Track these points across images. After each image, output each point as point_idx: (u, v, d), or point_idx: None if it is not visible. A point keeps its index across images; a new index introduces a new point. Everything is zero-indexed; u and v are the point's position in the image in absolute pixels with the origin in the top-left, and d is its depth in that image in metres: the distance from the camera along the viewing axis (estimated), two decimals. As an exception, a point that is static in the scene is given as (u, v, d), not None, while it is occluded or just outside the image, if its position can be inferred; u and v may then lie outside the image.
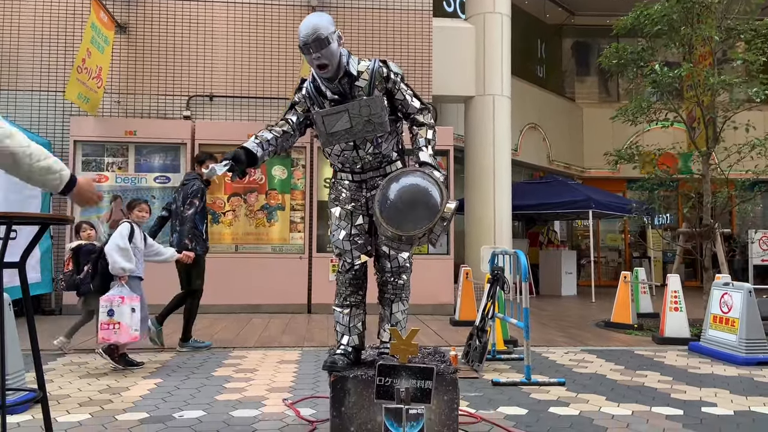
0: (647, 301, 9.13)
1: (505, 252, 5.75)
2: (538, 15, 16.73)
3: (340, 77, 3.01)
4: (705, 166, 7.76)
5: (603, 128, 15.36)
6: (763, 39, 7.37)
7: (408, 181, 2.80)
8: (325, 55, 2.90)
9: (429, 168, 2.92)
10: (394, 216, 2.72)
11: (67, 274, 5.61)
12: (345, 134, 3.04)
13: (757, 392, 4.46)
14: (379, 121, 3.00)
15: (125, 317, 4.90)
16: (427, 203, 2.70)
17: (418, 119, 3.10)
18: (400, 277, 3.21)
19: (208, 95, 9.35)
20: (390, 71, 3.07)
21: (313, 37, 2.86)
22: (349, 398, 2.96)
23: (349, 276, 3.20)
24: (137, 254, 5.30)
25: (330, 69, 2.95)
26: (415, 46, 9.77)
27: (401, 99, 3.10)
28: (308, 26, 2.88)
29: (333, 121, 3.02)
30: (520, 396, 4.26)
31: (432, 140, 3.06)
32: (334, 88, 3.04)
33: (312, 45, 2.87)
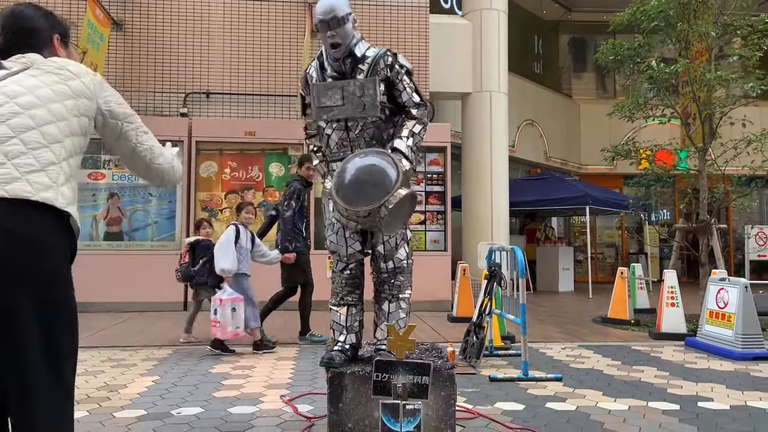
0: (644, 296, 9.16)
1: (502, 248, 5.76)
2: (534, 11, 16.72)
3: (346, 56, 3.07)
4: (701, 161, 7.77)
5: (600, 124, 15.39)
6: (760, 35, 7.38)
7: (368, 161, 2.80)
8: (340, 34, 2.99)
9: (398, 154, 2.92)
10: (346, 192, 2.73)
11: (183, 265, 6.22)
12: (335, 110, 3.06)
13: (753, 387, 4.48)
14: (370, 103, 3.01)
15: (226, 317, 5.45)
16: (381, 184, 2.69)
17: (411, 112, 3.11)
18: (396, 277, 3.17)
19: (205, 92, 9.33)
20: (396, 62, 3.10)
21: (330, 15, 2.96)
22: (347, 394, 2.97)
23: (345, 275, 3.19)
24: (243, 254, 5.75)
25: (342, 48, 3.03)
26: (412, 43, 9.76)
27: (401, 90, 3.10)
28: (326, 4, 2.99)
29: (326, 95, 3.07)
30: (518, 391, 4.27)
31: (416, 134, 3.05)
32: (337, 66, 3.10)
33: (330, 22, 2.97)
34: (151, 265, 8.57)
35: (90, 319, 7.63)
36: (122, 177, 8.76)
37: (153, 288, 8.50)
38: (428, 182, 9.34)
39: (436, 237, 9.25)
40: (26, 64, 1.82)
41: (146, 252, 8.67)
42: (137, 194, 8.78)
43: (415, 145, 3.03)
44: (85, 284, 8.31)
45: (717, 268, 7.02)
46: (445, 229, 9.24)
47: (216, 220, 8.87)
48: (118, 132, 1.94)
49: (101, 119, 1.90)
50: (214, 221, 8.85)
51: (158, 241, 8.76)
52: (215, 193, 8.93)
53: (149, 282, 8.49)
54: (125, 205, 8.73)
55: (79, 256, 7.15)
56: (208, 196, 8.90)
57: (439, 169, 9.36)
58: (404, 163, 2.88)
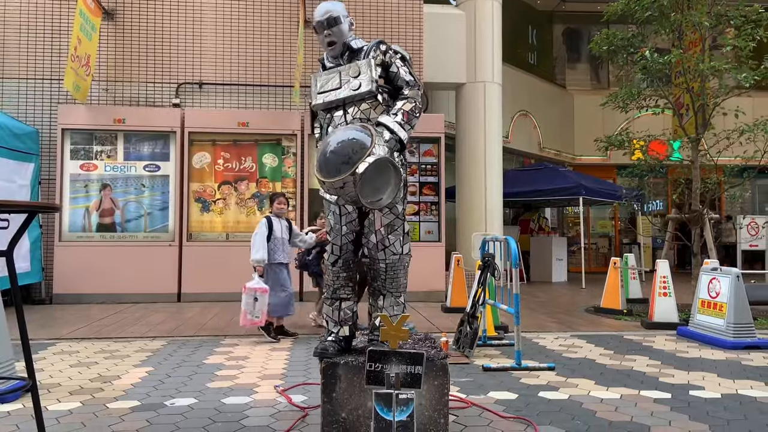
0: (636, 286, 9.20)
1: (495, 239, 5.77)
2: (528, 1, 16.67)
3: (343, 51, 3.23)
4: (694, 152, 7.79)
5: (593, 115, 15.39)
6: (753, 25, 7.38)
7: (347, 135, 2.79)
8: (335, 33, 3.18)
9: (381, 127, 2.93)
10: (323, 165, 2.73)
11: (300, 254, 6.53)
12: (333, 93, 3.13)
13: (744, 375, 4.51)
14: (366, 80, 3.06)
15: (248, 305, 5.62)
16: (356, 155, 2.66)
17: (404, 92, 3.14)
18: (390, 269, 3.14)
19: (198, 83, 9.28)
20: (390, 48, 3.21)
21: (326, 15, 3.18)
22: (340, 384, 2.97)
23: (338, 268, 3.17)
24: (277, 244, 5.96)
25: (337, 46, 3.20)
26: (406, 33, 9.72)
27: (395, 71, 3.16)
28: (323, 7, 3.22)
29: (324, 80, 3.19)
30: (511, 381, 4.29)
31: (406, 111, 3.04)
32: (335, 62, 3.25)
33: (326, 21, 3.17)
34: (145, 257, 8.56)
35: (83, 311, 7.62)
36: (114, 168, 8.71)
37: (146, 279, 8.49)
38: (422, 173, 9.34)
39: (430, 228, 9.25)
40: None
41: (139, 243, 8.64)
42: (130, 185, 8.74)
43: (406, 122, 3.01)
44: (78, 276, 8.36)
45: (709, 257, 7.06)
46: (439, 220, 9.24)
47: (210, 211, 8.85)
48: None
49: None
50: (208, 213, 8.83)
51: (151, 232, 8.73)
52: (208, 184, 8.89)
53: (142, 273, 8.48)
54: (118, 196, 8.69)
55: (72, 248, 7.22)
56: (201, 187, 8.87)
57: (432, 159, 9.35)
58: (385, 135, 2.89)
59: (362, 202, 2.70)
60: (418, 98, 3.13)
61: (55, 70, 8.95)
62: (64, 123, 8.59)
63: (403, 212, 3.17)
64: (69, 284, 8.35)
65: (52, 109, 8.88)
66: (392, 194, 2.78)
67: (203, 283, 8.59)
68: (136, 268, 8.48)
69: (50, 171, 8.68)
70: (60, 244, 8.43)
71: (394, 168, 2.74)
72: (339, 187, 2.67)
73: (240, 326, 5.75)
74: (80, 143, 8.70)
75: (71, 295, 8.32)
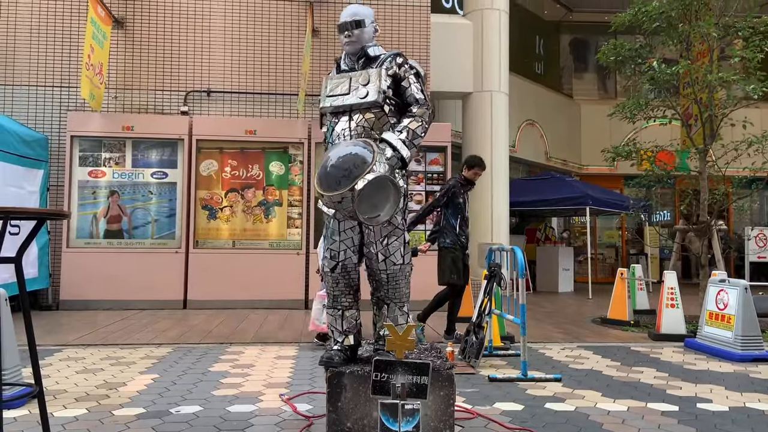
0: (644, 297, 9.15)
1: (502, 248, 5.76)
2: (536, 11, 16.71)
3: (360, 56, 3.26)
4: (702, 163, 7.77)
5: (600, 125, 15.39)
6: (761, 36, 7.37)
7: (349, 150, 2.84)
8: (356, 36, 3.23)
9: (384, 144, 2.94)
10: (323, 178, 2.78)
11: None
12: (340, 98, 3.16)
13: (753, 388, 4.48)
14: (373, 89, 3.08)
15: (316, 311, 5.72)
16: (357, 170, 2.70)
17: (412, 110, 3.13)
18: (396, 282, 3.13)
19: (206, 90, 9.33)
20: (406, 62, 3.24)
21: (352, 18, 3.24)
22: (346, 394, 2.97)
23: (339, 278, 3.15)
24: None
25: (356, 45, 3.25)
26: (413, 42, 9.75)
27: (406, 86, 3.17)
28: (350, 9, 3.30)
29: (336, 84, 3.22)
30: (517, 392, 4.27)
31: (412, 130, 3.03)
32: (351, 64, 3.28)
33: (349, 23, 3.23)
34: (152, 263, 8.58)
35: (90, 317, 7.64)
36: (123, 175, 8.76)
37: (153, 286, 8.51)
38: (428, 182, 9.34)
39: (436, 237, 9.23)
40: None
41: (146, 250, 8.67)
42: (138, 192, 8.78)
43: (410, 141, 3.02)
44: (85, 282, 8.39)
45: (717, 269, 7.02)
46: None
47: (216, 218, 8.88)
48: None
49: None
50: (214, 220, 8.86)
51: (158, 239, 8.76)
52: (215, 191, 8.92)
53: (149, 280, 8.50)
54: (126, 203, 8.73)
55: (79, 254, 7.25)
56: (208, 195, 8.90)
57: (439, 168, 9.36)
58: (387, 152, 2.90)
59: (360, 217, 2.72)
60: (425, 117, 3.11)
61: (65, 77, 9.03)
62: (73, 130, 8.65)
63: (403, 223, 3.15)
64: (76, 290, 8.38)
65: (61, 116, 8.94)
66: (390, 211, 2.79)
67: (209, 290, 8.60)
68: (143, 275, 8.50)
69: (59, 177, 8.73)
70: (68, 251, 8.46)
71: (394, 186, 2.75)
72: (337, 201, 2.69)
73: (309, 330, 5.98)
74: (89, 150, 8.76)
75: (78, 302, 8.35)
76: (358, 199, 2.61)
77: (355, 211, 2.66)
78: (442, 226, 6.28)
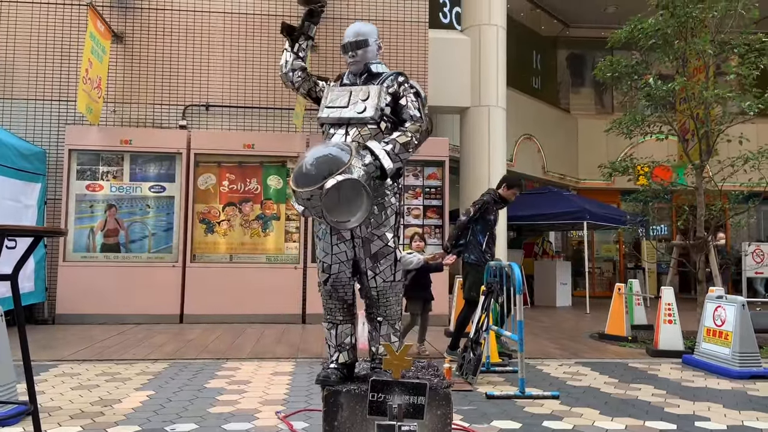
0: (641, 312, 9.14)
1: (499, 265, 5.75)
2: (533, 27, 16.83)
3: (363, 72, 3.28)
4: (698, 178, 7.79)
5: (598, 139, 15.40)
6: (757, 53, 7.42)
7: (326, 151, 2.83)
8: (360, 55, 3.25)
9: (365, 151, 2.92)
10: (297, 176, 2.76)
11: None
12: (338, 111, 3.15)
13: (750, 406, 4.47)
14: (371, 105, 3.08)
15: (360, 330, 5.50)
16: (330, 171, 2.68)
17: (405, 125, 3.11)
18: (382, 296, 3.11)
19: (204, 105, 9.35)
20: (407, 81, 3.25)
21: (356, 38, 3.25)
22: (342, 413, 2.95)
23: (335, 294, 3.14)
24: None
25: (358, 67, 3.28)
26: (411, 58, 9.81)
27: (404, 104, 3.16)
28: (354, 27, 3.31)
29: (336, 96, 3.22)
30: (514, 409, 4.25)
31: (399, 143, 2.99)
32: (353, 79, 3.30)
33: (352, 44, 3.25)
34: (148, 277, 8.56)
35: (85, 331, 7.61)
36: (120, 189, 8.75)
37: (150, 300, 8.48)
38: (426, 196, 9.36)
39: (433, 251, 9.22)
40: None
41: (143, 264, 8.65)
42: (135, 206, 8.77)
43: (395, 153, 2.96)
44: (81, 296, 8.36)
45: (714, 285, 7.02)
46: (443, 243, 9.22)
47: (214, 232, 8.87)
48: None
49: None
50: (212, 234, 8.85)
51: (155, 252, 8.74)
52: (213, 205, 8.92)
53: (146, 294, 8.47)
54: (123, 216, 8.72)
55: (76, 268, 7.24)
56: (205, 208, 8.89)
57: (437, 182, 9.38)
58: (366, 159, 2.87)
59: (327, 219, 2.71)
60: (417, 134, 3.06)
61: (64, 91, 9.05)
62: (71, 144, 8.66)
63: (393, 240, 3.12)
64: (72, 304, 8.35)
65: (59, 129, 8.95)
66: (360, 219, 2.74)
67: (206, 304, 8.58)
68: (140, 289, 8.48)
69: (56, 191, 8.72)
70: (64, 264, 8.44)
71: (366, 192, 2.71)
72: (306, 199, 2.67)
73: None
74: (87, 164, 8.76)
75: (74, 315, 8.31)
76: (325, 199, 2.59)
77: (323, 211, 2.65)
78: (468, 240, 6.23)
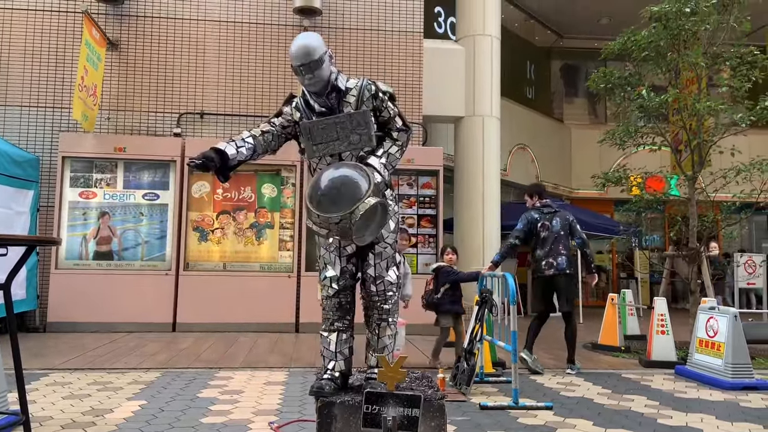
0: (634, 322, 9.15)
1: (493, 274, 5.76)
2: (527, 37, 16.93)
3: (328, 92, 3.09)
4: (691, 189, 7.84)
5: (591, 149, 15.48)
6: (749, 66, 7.49)
7: (341, 172, 2.86)
8: (318, 76, 3.00)
9: (370, 168, 2.96)
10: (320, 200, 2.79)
11: (428, 292, 6.31)
12: (331, 146, 3.07)
13: (743, 418, 4.48)
14: (366, 134, 3.04)
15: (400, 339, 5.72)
16: (353, 192, 2.75)
17: (392, 134, 3.17)
18: (386, 301, 3.19)
19: (199, 113, 9.35)
20: (378, 90, 3.16)
21: (306, 60, 2.96)
22: (336, 424, 2.94)
23: (336, 300, 3.19)
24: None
25: (319, 85, 3.04)
26: (406, 68, 9.84)
27: (386, 117, 3.17)
28: (300, 48, 2.97)
29: (320, 132, 3.05)
30: (508, 420, 4.25)
31: (391, 154, 3.11)
32: (323, 102, 3.11)
33: (305, 68, 2.98)
34: (141, 285, 8.52)
35: (77, 339, 7.55)
36: (114, 196, 8.72)
37: (142, 308, 8.43)
38: (420, 205, 9.37)
39: (427, 260, 9.24)
40: None
41: (136, 272, 8.61)
42: (128, 213, 8.74)
43: (389, 164, 3.09)
44: (73, 304, 8.32)
45: (707, 296, 7.05)
46: (437, 252, 9.23)
47: (207, 240, 8.85)
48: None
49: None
50: (205, 242, 8.82)
51: (148, 260, 8.71)
52: (207, 213, 8.90)
53: (139, 302, 8.43)
54: (116, 224, 8.69)
55: (68, 276, 7.21)
56: (199, 216, 8.87)
57: (431, 192, 9.39)
58: (377, 177, 2.94)
59: (352, 238, 2.78)
60: (404, 142, 3.18)
61: (58, 98, 9.03)
62: (65, 151, 8.63)
63: (394, 243, 3.24)
64: (64, 312, 8.29)
65: (53, 136, 8.92)
66: (376, 232, 2.90)
67: (199, 313, 8.54)
68: (132, 297, 8.43)
69: (49, 198, 8.69)
70: (56, 272, 8.39)
71: (384, 211, 2.86)
72: (335, 222, 2.72)
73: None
74: (80, 171, 8.73)
75: (66, 323, 8.25)
76: (358, 221, 2.68)
77: (350, 230, 2.72)
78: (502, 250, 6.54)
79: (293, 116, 3.21)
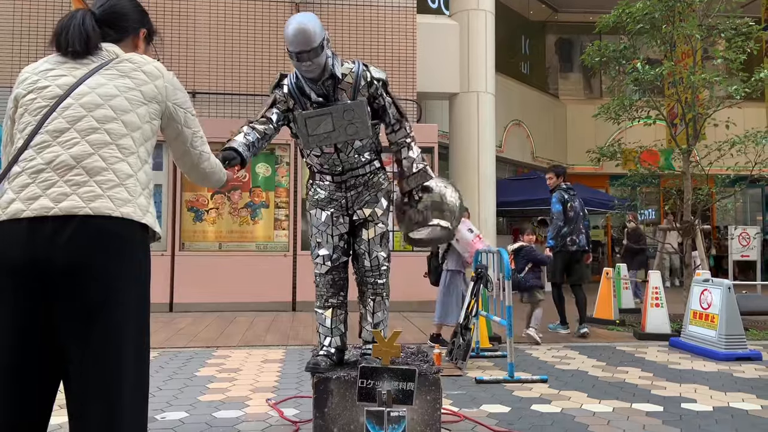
0: (629, 296, 9.22)
1: (488, 250, 5.78)
2: (521, 11, 16.78)
3: (325, 78, 2.96)
4: (686, 163, 7.83)
5: (586, 124, 15.46)
6: (744, 37, 7.44)
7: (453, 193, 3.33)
8: (316, 63, 2.85)
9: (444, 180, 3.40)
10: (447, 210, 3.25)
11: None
12: (327, 137, 2.99)
13: (736, 388, 4.53)
14: (362, 126, 2.98)
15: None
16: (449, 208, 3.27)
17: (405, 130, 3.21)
18: (380, 276, 3.22)
19: (191, 92, 9.26)
20: (372, 77, 3.08)
21: (306, 47, 2.78)
22: (332, 399, 2.96)
23: (330, 277, 3.22)
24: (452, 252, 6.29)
25: (316, 72, 2.91)
26: (399, 43, 9.75)
27: (381, 105, 3.14)
28: (299, 33, 2.76)
29: (315, 123, 2.94)
30: (503, 393, 4.29)
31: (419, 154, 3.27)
32: (318, 89, 2.99)
33: (303, 55, 2.80)
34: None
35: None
36: (107, 177, 8.67)
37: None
38: (415, 183, 9.33)
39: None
40: (105, 58, 1.85)
41: (131, 253, 8.60)
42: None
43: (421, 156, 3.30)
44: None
45: (701, 268, 7.09)
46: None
47: (202, 220, 8.83)
48: (176, 134, 2.00)
49: (165, 120, 1.95)
50: (201, 222, 8.81)
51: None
52: (201, 193, 8.87)
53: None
54: (110, 205, 8.65)
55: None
56: (194, 196, 8.85)
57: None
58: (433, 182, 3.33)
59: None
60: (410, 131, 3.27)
61: (48, 78, 8.92)
62: (56, 132, 8.55)
63: (387, 222, 3.30)
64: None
65: (44, 117, 8.83)
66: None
67: (196, 292, 8.55)
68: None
69: (42, 180, 8.63)
70: (51, 254, 8.36)
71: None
72: (444, 227, 3.22)
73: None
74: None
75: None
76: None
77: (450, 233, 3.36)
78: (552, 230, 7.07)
79: (287, 103, 3.09)
